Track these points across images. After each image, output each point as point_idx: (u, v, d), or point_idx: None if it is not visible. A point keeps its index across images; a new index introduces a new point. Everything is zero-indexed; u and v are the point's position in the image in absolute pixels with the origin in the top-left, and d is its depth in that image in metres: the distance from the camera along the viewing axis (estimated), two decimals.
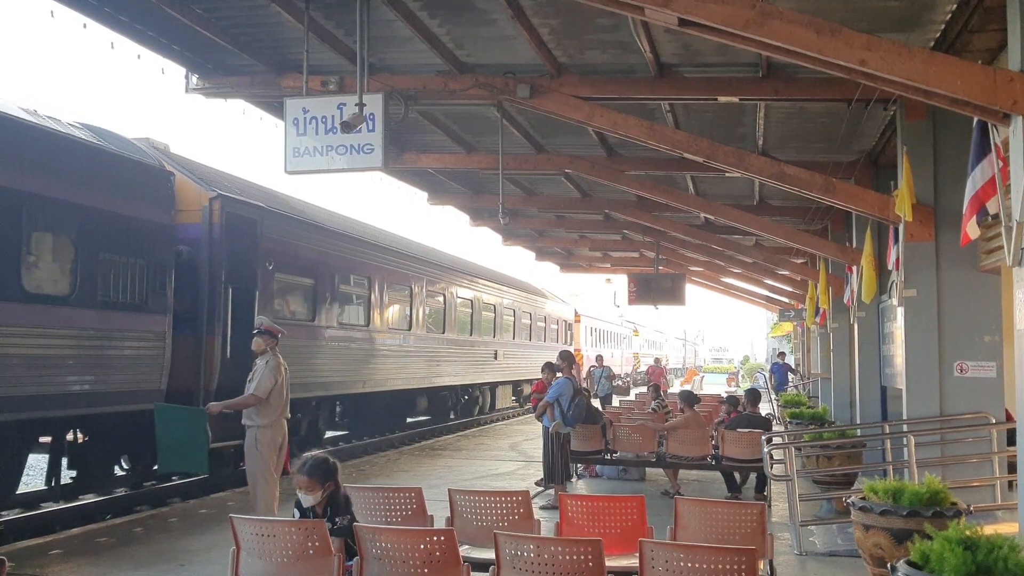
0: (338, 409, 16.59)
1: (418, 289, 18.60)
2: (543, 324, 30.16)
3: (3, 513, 9.69)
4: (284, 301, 13.46)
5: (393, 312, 17.47)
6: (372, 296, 16.39)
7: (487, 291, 23.87)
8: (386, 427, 19.38)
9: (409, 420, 21.39)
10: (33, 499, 10.88)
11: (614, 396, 24.98)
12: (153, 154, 11.06)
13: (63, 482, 10.48)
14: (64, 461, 10.30)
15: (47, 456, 10.28)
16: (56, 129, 9.29)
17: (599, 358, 26.86)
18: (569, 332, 34.99)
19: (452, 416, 23.36)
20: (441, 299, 20.20)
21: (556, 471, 10.49)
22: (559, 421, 10.42)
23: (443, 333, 20.28)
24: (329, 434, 17.05)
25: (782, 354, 34.20)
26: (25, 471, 10.01)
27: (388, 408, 18.87)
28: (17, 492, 9.99)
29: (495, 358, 24.34)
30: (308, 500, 5.16)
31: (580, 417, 10.79)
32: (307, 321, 14.02)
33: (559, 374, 10.92)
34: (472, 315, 22.47)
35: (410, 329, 18.22)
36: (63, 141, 9.22)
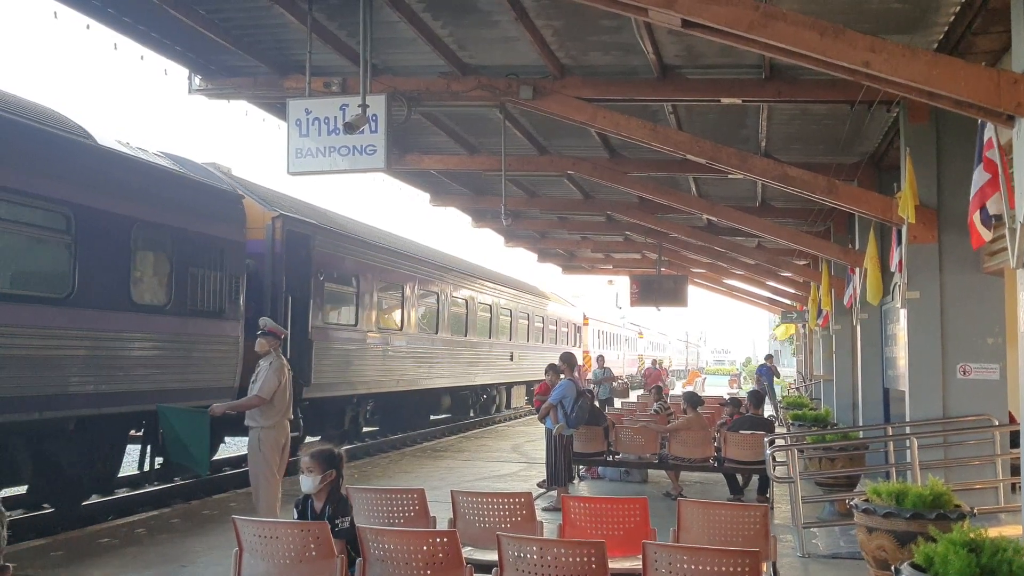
0: (370, 406, 17.79)
1: (444, 295, 20.23)
2: (555, 327, 31.94)
3: (118, 491, 11.15)
4: (332, 308, 14.81)
5: (422, 317, 19.11)
6: (405, 302, 17.98)
7: (504, 296, 25.53)
8: (415, 424, 20.82)
9: (433, 417, 22.85)
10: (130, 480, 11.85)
11: (615, 399, 24.70)
12: (226, 179, 12.54)
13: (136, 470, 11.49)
14: (149, 449, 10.92)
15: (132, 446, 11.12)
16: (152, 161, 10.71)
17: (600, 359, 26.87)
18: (578, 334, 36.59)
19: (472, 414, 24.75)
20: (464, 304, 21.85)
21: (559, 473, 10.49)
22: (562, 423, 10.42)
23: (465, 336, 21.93)
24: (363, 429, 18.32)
25: (769, 356, 33.43)
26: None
27: (416, 406, 20.50)
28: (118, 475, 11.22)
29: (511, 359, 25.64)
30: (307, 483, 5.18)
31: (583, 419, 10.79)
32: (351, 326, 15.40)
33: (562, 376, 10.91)
34: (491, 319, 24.13)
35: (437, 332, 19.84)
36: (158, 171, 10.64)
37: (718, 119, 11.48)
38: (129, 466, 11.66)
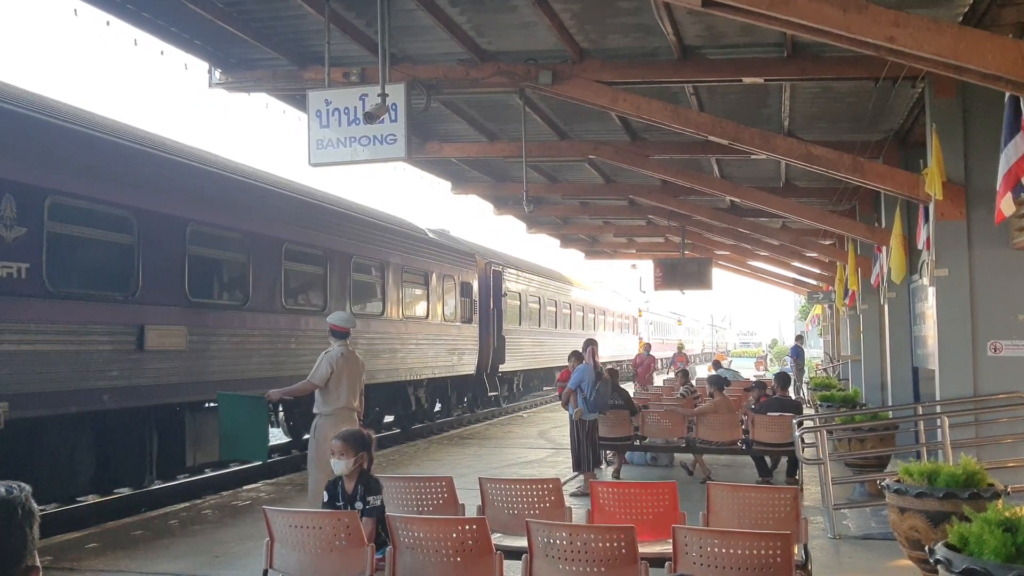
0: (521, 379, 26.65)
1: (559, 301, 29.68)
2: (621, 320, 42.99)
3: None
4: (510, 315, 23.46)
5: (548, 316, 28.11)
6: (540, 308, 27.12)
7: (592, 298, 35.71)
8: (533, 392, 29.82)
9: (546, 388, 30.98)
10: None
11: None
12: (465, 243, 21.62)
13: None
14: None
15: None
16: (445, 242, 19.70)
17: (716, 363, 24.89)
18: (635, 324, 48.00)
19: None
20: (568, 306, 31.25)
21: (583, 458, 10.46)
22: (581, 408, 10.39)
23: (569, 328, 30.84)
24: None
25: (800, 337, 33.01)
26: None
27: (540, 380, 30.03)
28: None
29: None
30: (339, 466, 5.27)
31: (604, 403, 10.74)
32: (517, 326, 24.21)
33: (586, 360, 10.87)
34: (583, 316, 33.59)
35: (556, 327, 28.89)
36: (446, 247, 19.42)
37: (740, 99, 11.37)
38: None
